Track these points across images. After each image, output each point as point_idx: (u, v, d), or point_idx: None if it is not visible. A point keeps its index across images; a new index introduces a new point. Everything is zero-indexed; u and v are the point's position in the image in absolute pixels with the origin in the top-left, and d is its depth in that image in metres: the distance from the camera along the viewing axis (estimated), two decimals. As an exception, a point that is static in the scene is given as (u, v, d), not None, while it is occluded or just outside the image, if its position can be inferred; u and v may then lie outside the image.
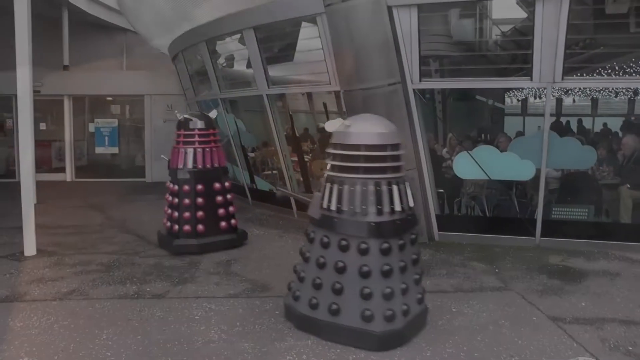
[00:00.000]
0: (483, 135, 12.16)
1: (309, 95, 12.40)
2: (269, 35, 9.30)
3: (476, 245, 7.69)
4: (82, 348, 4.45)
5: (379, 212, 4.47)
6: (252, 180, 10.93)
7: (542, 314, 5.25)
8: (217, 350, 4.41)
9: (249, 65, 9.58)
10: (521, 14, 9.62)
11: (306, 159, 10.53)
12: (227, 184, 7.62)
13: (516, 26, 9.99)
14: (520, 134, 10.81)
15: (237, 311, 5.28)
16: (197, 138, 7.41)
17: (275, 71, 9.49)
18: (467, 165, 7.79)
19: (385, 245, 4.47)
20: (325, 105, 11.19)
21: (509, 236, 7.71)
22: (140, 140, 15.45)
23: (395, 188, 4.54)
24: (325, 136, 11.35)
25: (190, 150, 7.37)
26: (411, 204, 4.70)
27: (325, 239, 4.68)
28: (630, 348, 4.52)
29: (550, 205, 8.08)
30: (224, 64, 11.09)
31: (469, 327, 4.92)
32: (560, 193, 8.43)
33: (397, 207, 4.51)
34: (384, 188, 4.49)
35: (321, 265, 4.68)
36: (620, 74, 11.80)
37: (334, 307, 4.57)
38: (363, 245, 4.47)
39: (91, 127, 15.37)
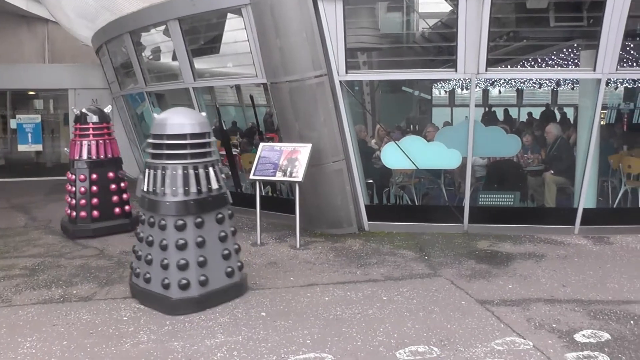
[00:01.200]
0: (411, 126, 12.44)
1: (238, 88, 12.30)
2: (194, 26, 9.15)
3: (406, 234, 7.81)
4: (2, 359, 4.25)
5: (174, 193, 5.10)
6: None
7: (470, 298, 5.40)
8: (146, 351, 4.31)
9: (175, 58, 9.39)
10: (446, 7, 9.83)
11: (235, 153, 10.44)
12: (120, 172, 8.28)
13: (442, 19, 10.21)
14: (447, 124, 11.11)
15: (166, 310, 5.19)
16: (91, 131, 8.06)
17: (201, 64, 9.34)
18: (394, 156, 7.90)
19: (180, 222, 5.07)
20: (252, 97, 11.12)
21: (438, 224, 7.86)
22: (65, 136, 14.87)
23: (192, 172, 5.15)
24: (254, 129, 11.37)
25: (85, 143, 8.03)
26: (214, 186, 5.29)
27: (143, 217, 5.39)
28: (554, 325, 4.72)
29: (478, 192, 8.33)
30: (150, 57, 10.83)
31: (399, 314, 4.99)
32: (487, 180, 8.72)
33: (192, 189, 5.13)
34: (180, 172, 5.13)
35: (141, 239, 5.40)
36: (543, 66, 12.31)
37: (147, 275, 5.27)
38: (162, 222, 5.12)
39: (13, 124, 14.64)
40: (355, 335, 4.55)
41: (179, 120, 5.24)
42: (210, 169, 5.29)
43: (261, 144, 7.83)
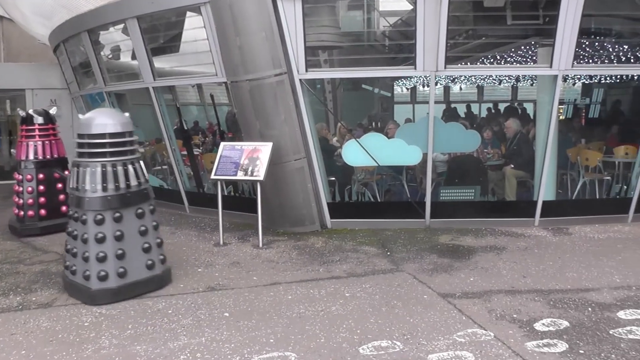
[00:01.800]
0: (373, 123, 12.53)
1: (199, 87, 12.20)
2: (153, 25, 9.05)
3: (368, 230, 7.87)
4: (-44, 371, 4.14)
5: (93, 189, 5.40)
6: (142, 177, 10.60)
7: (432, 291, 5.47)
8: (108, 357, 4.25)
9: (134, 57, 9.26)
10: (407, 5, 9.91)
11: (197, 153, 10.36)
12: (66, 172, 8.30)
13: (402, 18, 10.29)
14: (409, 121, 11.21)
15: (128, 313, 5.10)
16: (37, 132, 8.29)
17: (161, 62, 9.24)
18: (355, 153, 7.95)
19: (99, 216, 5.37)
20: (212, 96, 11.04)
21: (400, 219, 7.94)
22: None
23: (110, 170, 5.44)
24: (215, 129, 11.28)
25: (32, 144, 8.25)
26: (133, 183, 5.56)
27: (71, 212, 5.68)
28: (515, 315, 4.83)
29: (439, 187, 8.43)
30: (109, 56, 10.64)
31: (362, 310, 5.03)
32: (448, 176, 8.84)
33: (111, 186, 5.42)
34: (99, 169, 5.42)
35: (69, 234, 5.69)
36: (502, 63, 12.53)
37: (73, 268, 5.58)
38: (84, 217, 5.41)
39: (-32, 126, 14.27)
40: (318, 333, 4.57)
41: (102, 121, 5.54)
42: (130, 166, 5.59)
43: (222, 143, 7.78)
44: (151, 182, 10.30)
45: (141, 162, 5.77)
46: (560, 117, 14.26)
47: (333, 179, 8.43)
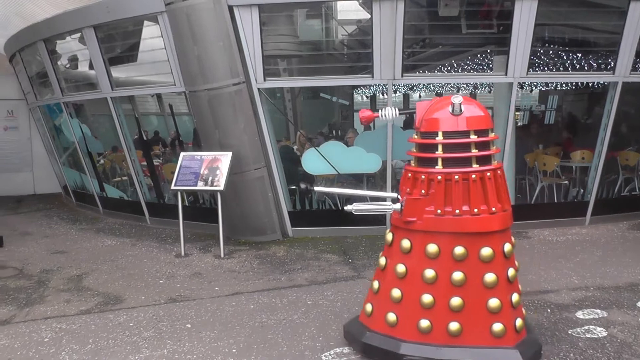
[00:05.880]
0: (334, 132, 12.61)
1: (159, 97, 12.11)
2: (110, 34, 8.96)
3: (330, 238, 7.93)
4: None
5: None
6: (102, 189, 10.49)
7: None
8: (67, 371, 4.22)
9: (92, 67, 9.14)
10: (365, 15, 10.04)
11: (157, 163, 10.29)
12: None
13: (359, 26, 10.43)
14: (368, 129, 11.32)
15: (89, 328, 5.04)
16: None
17: (119, 72, 9.15)
18: (315, 161, 8.01)
19: None
20: (171, 106, 10.98)
21: (361, 227, 7.95)
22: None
23: None
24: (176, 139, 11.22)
25: None
26: None
27: None
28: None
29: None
30: (67, 65, 10.48)
31: (324, 318, 5.08)
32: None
33: None
34: None
35: None
36: (459, 71, 12.78)
37: None
38: None
39: None
40: (280, 342, 4.61)
41: None
42: None
43: (181, 154, 7.77)
44: (111, 193, 10.34)
45: None
46: (518, 123, 14.58)
47: (294, 187, 8.46)
